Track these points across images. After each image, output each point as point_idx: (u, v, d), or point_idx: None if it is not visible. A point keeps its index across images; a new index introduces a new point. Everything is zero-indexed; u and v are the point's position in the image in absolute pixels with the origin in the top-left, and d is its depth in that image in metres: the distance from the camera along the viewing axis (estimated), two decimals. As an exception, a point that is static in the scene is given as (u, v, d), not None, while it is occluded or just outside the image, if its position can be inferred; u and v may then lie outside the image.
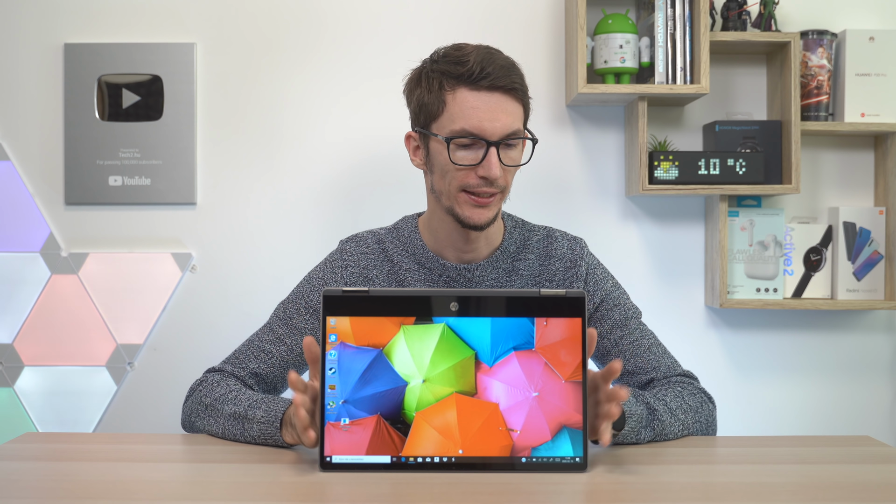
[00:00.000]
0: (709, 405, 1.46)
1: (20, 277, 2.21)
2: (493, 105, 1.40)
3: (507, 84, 1.40)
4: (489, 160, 1.40)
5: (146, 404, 2.22)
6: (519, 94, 1.43)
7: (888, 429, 2.25)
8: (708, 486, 1.15)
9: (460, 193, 1.43)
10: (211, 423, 1.40)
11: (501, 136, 1.40)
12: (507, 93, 1.41)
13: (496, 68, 1.40)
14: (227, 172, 2.22)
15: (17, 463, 1.25)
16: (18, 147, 2.22)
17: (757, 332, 2.25)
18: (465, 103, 1.40)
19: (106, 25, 2.22)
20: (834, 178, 2.25)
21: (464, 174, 1.42)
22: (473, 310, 1.21)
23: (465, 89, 1.40)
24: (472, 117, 1.39)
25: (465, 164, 1.41)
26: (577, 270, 1.53)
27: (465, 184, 1.42)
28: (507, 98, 1.41)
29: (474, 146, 1.41)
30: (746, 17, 2.14)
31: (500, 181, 1.41)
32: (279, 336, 1.50)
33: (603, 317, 1.53)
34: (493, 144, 1.40)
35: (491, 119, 1.39)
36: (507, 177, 1.44)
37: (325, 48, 2.22)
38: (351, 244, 1.56)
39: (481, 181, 1.41)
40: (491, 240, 1.52)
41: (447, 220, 1.48)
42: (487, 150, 1.40)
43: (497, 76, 1.39)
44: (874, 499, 1.09)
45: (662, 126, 2.23)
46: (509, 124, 1.40)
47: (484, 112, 1.39)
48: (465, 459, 1.18)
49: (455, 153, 1.41)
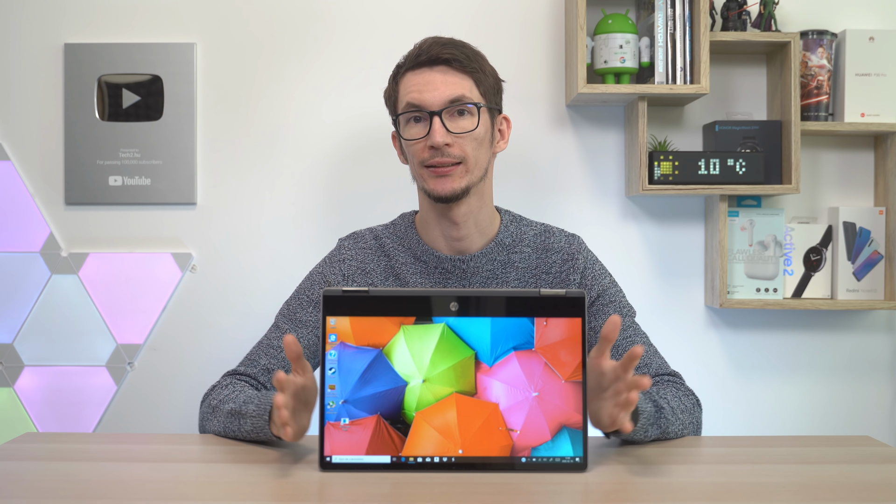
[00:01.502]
0: (698, 407, 1.47)
1: (20, 277, 2.21)
2: (430, 78, 1.48)
3: (446, 55, 1.47)
4: (433, 128, 1.46)
5: (146, 404, 2.22)
6: (462, 65, 1.48)
7: (888, 429, 2.25)
8: (708, 486, 1.15)
9: (423, 169, 1.49)
10: (215, 424, 1.41)
11: (443, 103, 1.47)
12: (446, 64, 1.48)
13: (434, 45, 1.49)
14: (227, 172, 2.22)
15: (17, 463, 1.25)
16: (18, 147, 2.22)
17: (757, 332, 2.25)
18: (408, 82, 1.50)
19: (106, 25, 2.22)
20: (834, 178, 2.25)
21: (420, 149, 1.48)
22: (473, 310, 1.21)
23: (408, 73, 1.50)
24: (413, 91, 1.48)
25: (416, 137, 1.48)
26: (574, 264, 1.55)
27: (422, 158, 1.48)
28: (447, 69, 1.48)
29: (423, 120, 1.49)
30: (746, 17, 2.14)
31: (451, 150, 1.47)
32: (285, 331, 1.53)
33: (598, 312, 1.54)
34: (434, 114, 1.46)
35: (430, 90, 1.47)
36: (464, 146, 1.48)
37: (324, 48, 2.22)
38: (349, 241, 1.61)
39: (433, 152, 1.47)
40: (483, 230, 1.55)
41: (427, 202, 1.54)
42: (431, 119, 1.46)
43: (432, 52, 1.48)
44: (874, 499, 1.09)
45: (662, 126, 2.23)
46: (450, 92, 1.47)
47: (423, 84, 1.48)
48: (465, 459, 1.18)
49: (407, 130, 1.50)
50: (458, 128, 1.48)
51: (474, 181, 1.50)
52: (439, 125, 1.46)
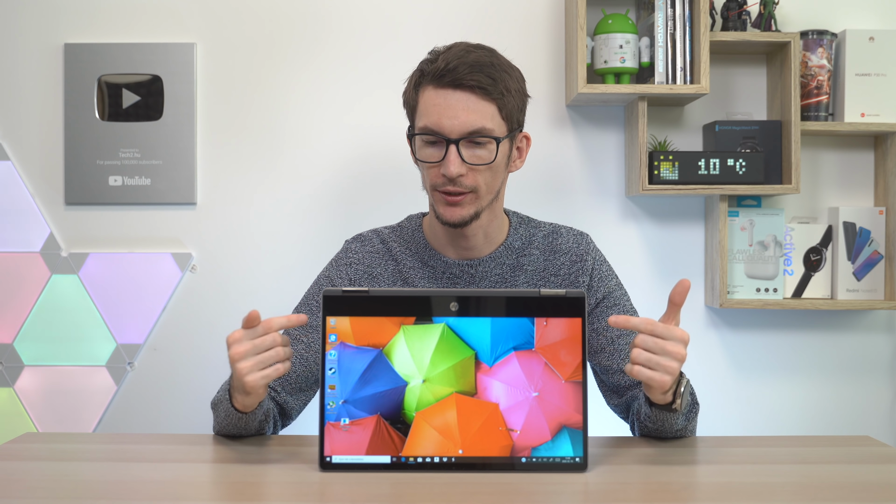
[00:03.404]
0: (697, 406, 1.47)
1: (20, 277, 2.21)
2: (453, 103, 1.39)
3: (471, 82, 1.39)
4: (448, 157, 1.40)
5: (146, 404, 2.22)
6: (486, 93, 1.40)
7: (888, 429, 2.25)
8: (708, 486, 1.15)
9: (435, 192, 1.45)
10: (214, 425, 1.41)
11: (461, 134, 1.39)
12: (472, 90, 1.39)
13: (462, 66, 1.39)
14: (227, 172, 2.22)
15: (17, 463, 1.25)
16: (18, 147, 2.22)
17: (757, 332, 2.25)
18: (429, 101, 1.41)
19: (106, 25, 2.22)
20: (834, 178, 2.25)
21: (433, 172, 1.43)
22: (473, 310, 1.21)
23: (430, 87, 1.42)
24: (433, 114, 1.40)
25: (430, 161, 1.42)
26: (583, 265, 1.53)
27: (434, 182, 1.43)
28: (470, 96, 1.39)
29: (438, 144, 1.42)
30: (746, 17, 2.14)
31: (464, 180, 1.41)
32: (296, 336, 1.51)
33: (602, 314, 1.53)
34: (451, 142, 1.39)
35: (450, 116, 1.39)
36: (477, 177, 1.42)
37: (324, 48, 2.22)
38: (356, 243, 1.58)
39: (444, 180, 1.41)
40: (492, 237, 1.53)
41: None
42: (447, 147, 1.40)
43: (460, 74, 1.39)
44: (874, 499, 1.09)
45: (662, 126, 2.23)
46: (470, 122, 1.39)
47: (443, 109, 1.39)
48: (465, 459, 1.18)
49: (422, 150, 1.44)
50: (475, 158, 1.41)
51: (484, 206, 1.46)
52: (455, 156, 1.39)
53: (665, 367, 1.21)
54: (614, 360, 1.48)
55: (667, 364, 1.21)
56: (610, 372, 1.49)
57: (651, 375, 1.21)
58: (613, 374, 1.49)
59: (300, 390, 1.49)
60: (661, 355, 1.21)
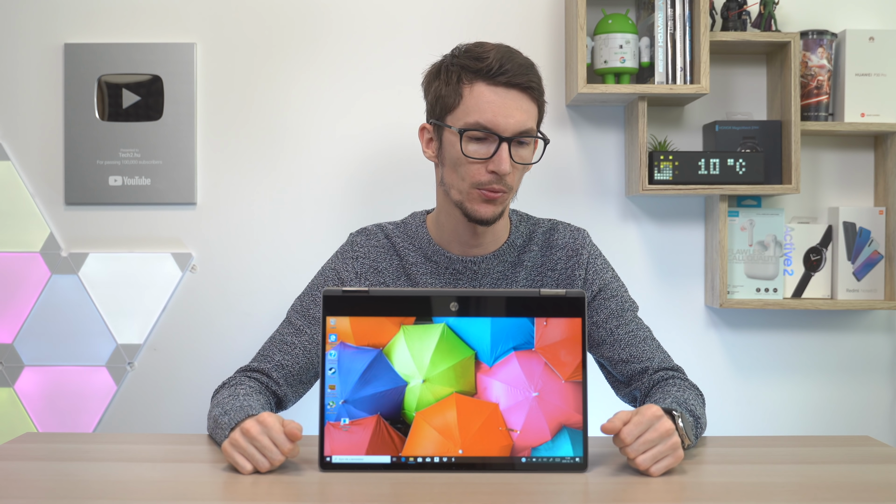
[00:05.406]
0: (703, 400, 1.47)
1: (20, 277, 2.21)
2: (508, 101, 1.42)
3: (524, 82, 1.43)
4: (500, 155, 1.42)
5: (146, 404, 2.22)
6: (535, 94, 1.45)
7: (888, 429, 2.25)
8: (708, 486, 1.15)
9: (473, 189, 1.45)
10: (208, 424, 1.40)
11: (514, 132, 1.43)
12: (524, 91, 1.44)
13: (514, 66, 1.43)
14: (227, 172, 2.22)
15: (17, 463, 1.25)
16: (18, 147, 2.22)
17: (757, 332, 2.25)
18: (482, 97, 1.43)
19: (106, 25, 2.21)
20: (834, 178, 2.25)
21: (475, 169, 1.44)
22: (473, 310, 1.21)
23: (482, 84, 1.43)
24: (487, 111, 1.42)
25: (477, 157, 1.43)
26: (578, 259, 1.55)
27: (478, 181, 1.44)
28: (522, 96, 1.44)
29: (487, 140, 1.43)
30: (746, 17, 2.14)
31: (508, 179, 1.44)
32: (299, 327, 1.51)
33: (600, 306, 1.54)
34: (504, 140, 1.42)
35: (505, 115, 1.42)
36: (516, 175, 1.46)
37: (324, 47, 2.22)
38: (361, 237, 1.59)
39: (492, 177, 1.43)
40: (497, 235, 1.55)
41: (455, 213, 1.50)
42: (499, 145, 1.42)
43: (515, 73, 1.43)
44: (874, 499, 1.09)
45: (662, 126, 2.23)
46: (523, 122, 1.43)
47: (499, 107, 1.42)
48: (464, 459, 1.18)
49: (467, 146, 1.44)
50: (520, 157, 1.45)
51: (508, 204, 1.51)
52: (507, 154, 1.42)
53: (669, 446, 1.20)
54: (615, 352, 1.52)
55: (667, 446, 1.20)
56: (613, 362, 1.52)
57: (668, 464, 1.21)
58: (616, 365, 1.52)
59: (301, 383, 1.51)
60: (659, 443, 1.20)
